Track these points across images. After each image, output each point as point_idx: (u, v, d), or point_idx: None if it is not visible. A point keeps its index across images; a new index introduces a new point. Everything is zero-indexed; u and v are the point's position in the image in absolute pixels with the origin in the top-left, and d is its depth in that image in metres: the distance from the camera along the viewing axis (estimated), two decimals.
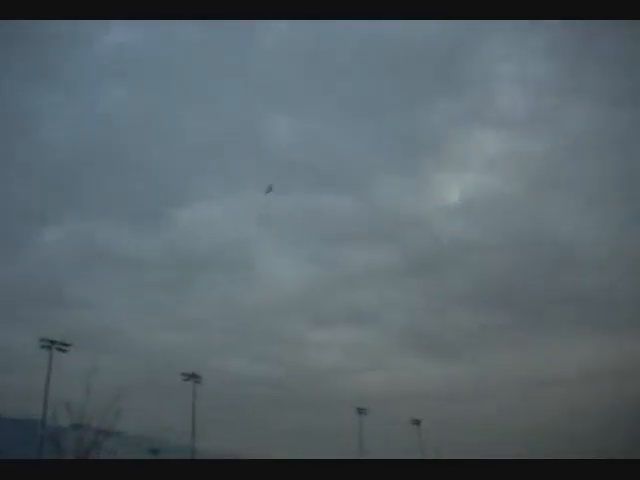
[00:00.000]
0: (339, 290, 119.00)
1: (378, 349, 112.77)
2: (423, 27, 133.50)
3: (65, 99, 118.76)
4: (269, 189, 79.04)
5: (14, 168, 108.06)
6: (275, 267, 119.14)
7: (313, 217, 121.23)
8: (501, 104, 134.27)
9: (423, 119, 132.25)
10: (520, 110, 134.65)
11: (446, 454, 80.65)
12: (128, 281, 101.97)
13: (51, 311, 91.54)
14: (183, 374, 78.81)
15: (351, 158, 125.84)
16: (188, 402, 77.61)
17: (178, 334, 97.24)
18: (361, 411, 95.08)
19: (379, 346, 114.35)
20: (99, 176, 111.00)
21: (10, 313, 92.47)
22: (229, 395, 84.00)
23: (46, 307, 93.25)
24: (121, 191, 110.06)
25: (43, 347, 69.46)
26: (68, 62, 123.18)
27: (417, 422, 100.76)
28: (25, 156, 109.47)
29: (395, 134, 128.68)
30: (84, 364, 78.74)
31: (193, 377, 79.09)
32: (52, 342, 69.78)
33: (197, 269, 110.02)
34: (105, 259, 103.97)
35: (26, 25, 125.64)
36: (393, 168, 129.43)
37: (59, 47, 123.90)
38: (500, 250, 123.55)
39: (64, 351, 70.47)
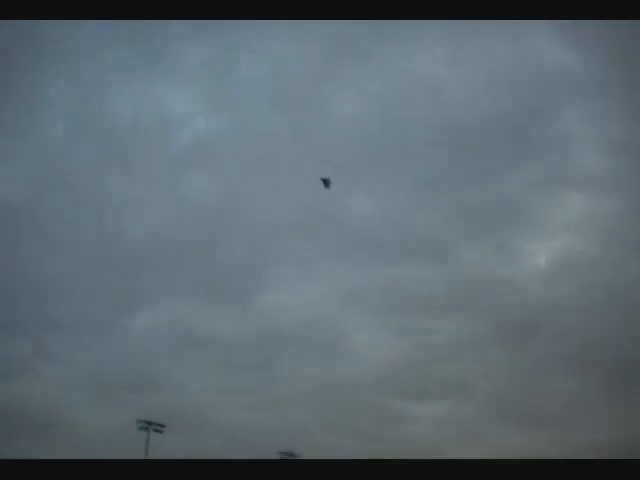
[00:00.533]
0: (428, 362, 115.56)
1: (471, 420, 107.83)
2: (490, 91, 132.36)
3: (146, 191, 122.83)
4: (327, 182, 75.97)
5: (104, 258, 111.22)
6: (361, 342, 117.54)
7: (396, 290, 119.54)
8: (581, 165, 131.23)
9: (501, 185, 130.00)
10: (601, 170, 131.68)
11: None
12: (217, 362, 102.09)
13: (144, 393, 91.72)
14: (280, 452, 76.92)
15: (430, 230, 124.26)
16: None
17: (269, 413, 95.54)
18: None
19: (472, 417, 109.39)
20: (186, 263, 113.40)
21: (106, 396, 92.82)
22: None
23: (139, 389, 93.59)
24: (207, 276, 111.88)
25: (141, 428, 69.65)
26: (147, 154, 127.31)
27: None
28: (112, 246, 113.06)
29: (473, 203, 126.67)
30: (180, 444, 78.93)
31: (290, 455, 77.14)
32: (149, 423, 69.89)
33: (283, 348, 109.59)
34: (194, 341, 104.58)
35: (98, 119, 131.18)
36: (473, 237, 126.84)
37: (136, 140, 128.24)
38: (591, 312, 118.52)
39: (160, 432, 70.40)
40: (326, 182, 74.81)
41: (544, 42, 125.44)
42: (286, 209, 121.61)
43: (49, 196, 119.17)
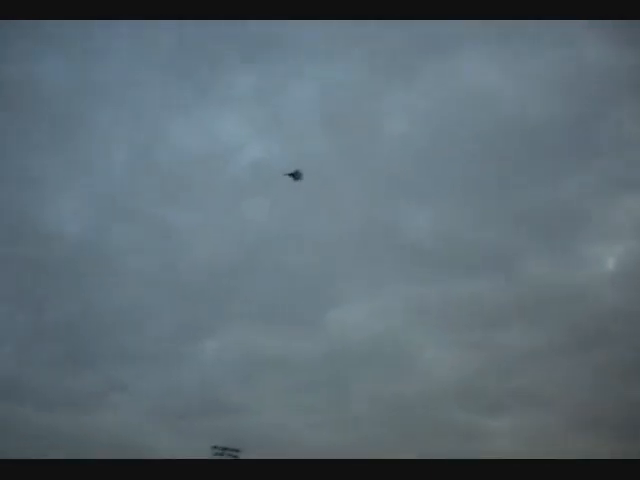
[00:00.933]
0: (500, 375, 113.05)
1: (549, 431, 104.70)
2: (545, 96, 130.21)
3: (207, 218, 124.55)
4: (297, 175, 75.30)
5: (169, 286, 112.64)
6: (431, 357, 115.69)
7: (461, 303, 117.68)
8: None
9: (562, 191, 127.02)
10: None
11: None
12: (288, 383, 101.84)
13: (217, 419, 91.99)
14: None
15: (492, 241, 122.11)
16: None
17: (342, 432, 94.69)
18: None
19: (549, 428, 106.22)
20: (248, 286, 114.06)
21: (179, 423, 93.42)
22: None
23: (211, 415, 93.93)
24: (273, 298, 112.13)
25: (216, 454, 69.70)
26: (206, 182, 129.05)
27: None
28: (177, 274, 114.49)
29: (534, 210, 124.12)
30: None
31: None
32: (224, 449, 69.91)
33: (353, 366, 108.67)
34: (264, 364, 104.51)
35: (156, 151, 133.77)
36: (537, 245, 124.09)
37: (194, 169, 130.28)
38: None
39: (235, 457, 70.29)
40: (295, 175, 74.48)
41: (598, 41, 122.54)
42: (347, 228, 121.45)
43: (113, 228, 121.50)
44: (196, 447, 79.18)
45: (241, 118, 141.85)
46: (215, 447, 69.83)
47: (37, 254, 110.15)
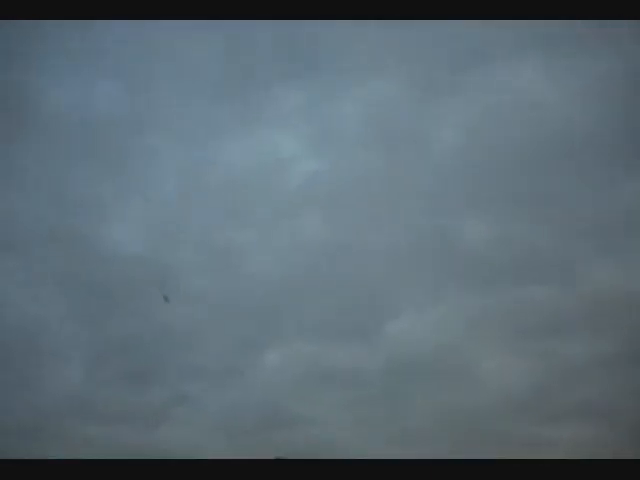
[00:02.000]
0: (563, 384, 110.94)
1: (613, 442, 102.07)
2: (588, 99, 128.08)
3: (264, 233, 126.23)
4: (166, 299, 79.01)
5: (229, 303, 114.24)
6: (491, 368, 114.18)
7: (522, 311, 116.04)
8: None
9: (620, 196, 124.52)
10: None
11: None
12: (344, 397, 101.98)
13: (278, 432, 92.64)
14: None
15: (551, 248, 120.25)
16: None
17: (398, 446, 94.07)
18: None
19: (613, 439, 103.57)
20: (304, 300, 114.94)
21: (242, 436, 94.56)
22: None
23: (273, 428, 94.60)
24: (331, 312, 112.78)
25: None
26: (260, 198, 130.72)
27: None
28: (237, 291, 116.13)
29: (593, 216, 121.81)
30: None
31: None
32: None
33: (410, 379, 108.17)
34: (323, 378, 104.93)
35: (207, 171, 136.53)
36: (598, 252, 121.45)
37: (246, 187, 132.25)
38: None
39: None
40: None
41: None
42: (402, 240, 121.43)
43: (170, 249, 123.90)
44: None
45: (290, 135, 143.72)
46: (278, 460, 70.20)
47: (99, 275, 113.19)
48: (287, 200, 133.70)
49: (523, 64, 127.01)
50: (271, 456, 73.28)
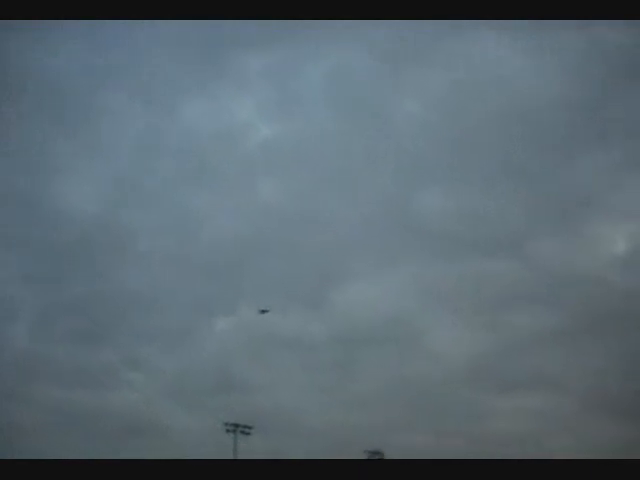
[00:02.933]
0: (512, 355, 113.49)
1: (561, 413, 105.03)
2: (552, 76, 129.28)
3: (218, 197, 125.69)
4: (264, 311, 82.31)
5: (181, 266, 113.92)
6: (441, 338, 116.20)
7: (474, 284, 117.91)
8: None
9: (576, 173, 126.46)
10: None
11: None
12: (295, 363, 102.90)
13: (228, 396, 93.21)
14: (366, 451, 76.88)
15: (505, 222, 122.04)
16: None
17: (349, 413, 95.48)
18: None
19: (561, 409, 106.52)
20: (260, 265, 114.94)
21: (191, 400, 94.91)
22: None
23: (223, 393, 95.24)
24: (282, 277, 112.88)
25: (228, 431, 70.49)
26: (217, 162, 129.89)
27: None
28: (189, 254, 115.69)
29: (548, 192, 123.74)
30: (263, 446, 79.83)
31: (377, 454, 76.99)
32: (236, 426, 70.72)
33: (361, 347, 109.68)
34: (275, 343, 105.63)
35: (166, 131, 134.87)
36: (551, 227, 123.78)
37: (205, 149, 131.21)
38: None
39: (247, 434, 71.13)
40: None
41: (612, 23, 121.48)
42: (358, 208, 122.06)
43: (127, 208, 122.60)
44: (209, 424, 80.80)
45: (252, 98, 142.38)
46: (227, 424, 70.77)
47: (53, 235, 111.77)
48: (244, 164, 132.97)
49: (489, 40, 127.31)
50: (222, 420, 74.19)
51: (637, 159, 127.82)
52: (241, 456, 68.91)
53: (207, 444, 78.74)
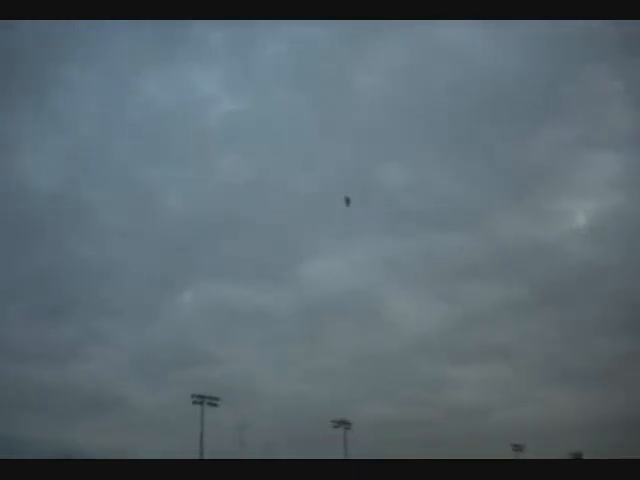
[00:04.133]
0: (470, 327, 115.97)
1: (516, 383, 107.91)
2: (509, 51, 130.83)
3: (182, 171, 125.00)
4: (348, 201, 79.69)
5: (144, 241, 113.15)
6: (403, 310, 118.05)
7: (433, 257, 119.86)
8: (613, 123, 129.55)
9: (532, 147, 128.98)
10: (634, 126, 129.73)
11: None
12: (261, 336, 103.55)
13: (193, 370, 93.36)
14: (333, 421, 77.88)
15: (463, 195, 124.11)
16: (339, 449, 76.54)
17: (314, 384, 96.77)
18: (517, 448, 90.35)
19: (517, 380, 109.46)
20: (221, 240, 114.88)
21: (156, 374, 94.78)
22: (378, 439, 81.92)
23: (188, 367, 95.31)
24: (245, 253, 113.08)
25: (195, 403, 70.59)
26: (180, 136, 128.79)
27: (577, 455, 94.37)
28: (150, 229, 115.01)
29: (504, 166, 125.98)
30: (232, 418, 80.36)
31: (343, 424, 78.05)
32: (202, 397, 70.87)
33: (324, 320, 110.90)
34: (239, 317, 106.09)
35: (127, 105, 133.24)
36: (507, 200, 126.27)
37: (165, 123, 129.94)
38: (634, 272, 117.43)
39: (215, 405, 71.34)
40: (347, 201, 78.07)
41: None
42: (318, 182, 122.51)
43: (86, 183, 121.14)
44: (173, 397, 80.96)
45: (212, 73, 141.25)
46: (194, 395, 70.80)
47: (10, 209, 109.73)
48: (206, 139, 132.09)
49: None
50: (188, 394, 74.30)
51: (595, 136, 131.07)
52: (208, 428, 69.45)
53: (174, 417, 79.04)
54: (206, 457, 64.71)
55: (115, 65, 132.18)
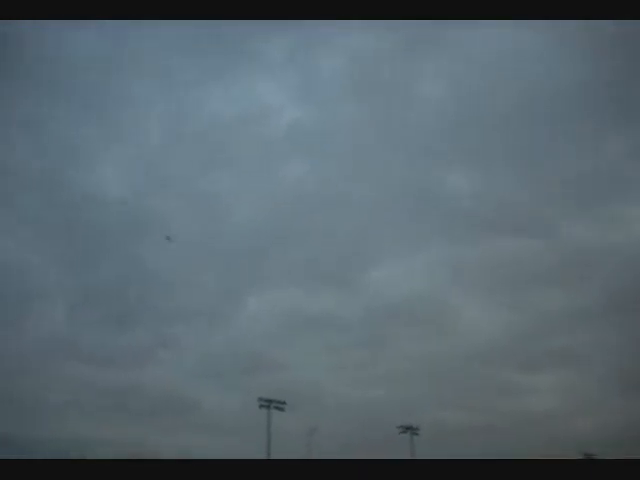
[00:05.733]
0: (539, 334, 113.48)
1: (586, 391, 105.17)
2: (575, 56, 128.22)
3: (245, 182, 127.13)
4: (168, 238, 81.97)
5: (212, 249, 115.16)
6: (470, 316, 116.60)
7: (501, 263, 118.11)
8: None
9: (600, 154, 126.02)
10: None
11: None
12: (325, 342, 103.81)
13: (260, 375, 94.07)
14: (400, 427, 77.36)
15: (532, 203, 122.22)
16: (406, 455, 75.82)
17: (379, 389, 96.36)
18: (588, 456, 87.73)
19: (587, 388, 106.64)
20: (288, 247, 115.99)
21: (224, 379, 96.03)
22: (445, 445, 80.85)
23: (254, 372, 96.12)
24: (310, 259, 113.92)
25: (262, 406, 70.98)
26: (243, 146, 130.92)
27: None
28: (220, 237, 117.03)
29: (573, 173, 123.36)
30: (298, 423, 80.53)
31: (410, 429, 77.44)
32: (269, 401, 71.23)
33: (390, 326, 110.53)
34: (305, 323, 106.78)
35: (192, 117, 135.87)
36: (574, 208, 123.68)
37: (230, 134, 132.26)
38: None
39: (281, 409, 71.57)
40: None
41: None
42: (384, 190, 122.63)
43: (155, 194, 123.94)
44: (242, 401, 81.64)
45: (276, 85, 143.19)
46: (261, 399, 71.26)
47: (83, 220, 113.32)
48: (271, 148, 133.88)
49: (507, 25, 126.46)
50: (255, 398, 74.83)
51: None
52: (275, 432, 69.68)
53: (241, 421, 79.75)
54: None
55: (178, 77, 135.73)
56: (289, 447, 69.66)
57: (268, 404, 71.16)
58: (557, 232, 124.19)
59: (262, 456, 65.65)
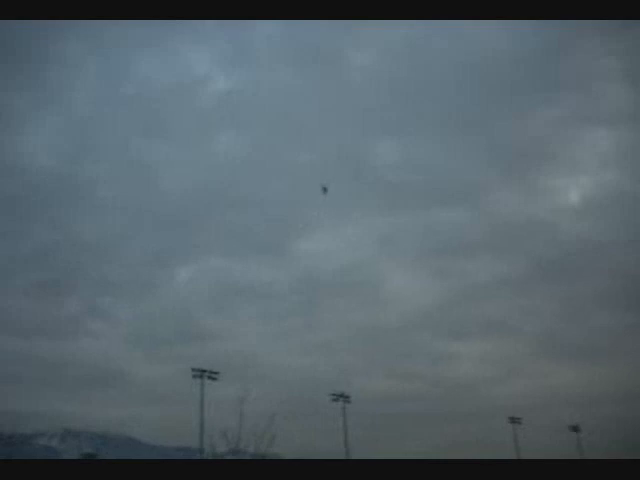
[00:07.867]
0: (468, 302, 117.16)
1: (515, 357, 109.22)
2: (506, 29, 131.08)
3: (177, 150, 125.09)
4: (325, 190, 79.86)
5: (143, 217, 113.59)
6: (400, 285, 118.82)
7: (430, 232, 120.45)
8: (611, 100, 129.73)
9: (524, 126, 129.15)
10: (631, 104, 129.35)
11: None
12: (258, 311, 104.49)
13: (192, 345, 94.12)
14: (332, 394, 78.62)
15: (459, 172, 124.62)
16: (337, 422, 77.15)
17: (313, 358, 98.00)
18: (514, 420, 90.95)
19: (516, 354, 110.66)
20: (220, 216, 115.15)
21: (155, 349, 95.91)
22: (376, 413, 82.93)
23: (186, 341, 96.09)
24: (242, 228, 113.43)
25: (195, 376, 71.21)
26: (175, 115, 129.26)
27: (575, 428, 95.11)
28: (151, 205, 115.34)
29: (500, 143, 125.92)
30: (232, 391, 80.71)
31: (342, 397, 78.79)
32: (202, 371, 71.50)
33: (322, 295, 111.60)
34: (236, 292, 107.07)
35: (124, 85, 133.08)
36: (503, 177, 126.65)
37: (162, 102, 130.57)
38: (630, 247, 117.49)
39: (214, 379, 71.94)
40: (325, 190, 78.40)
41: None
42: (315, 159, 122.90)
43: (85, 160, 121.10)
44: (172, 372, 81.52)
45: (208, 52, 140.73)
46: (194, 369, 71.36)
47: (11, 187, 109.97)
48: (201, 117, 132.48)
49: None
50: (188, 368, 74.35)
51: (591, 113, 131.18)
52: (207, 401, 69.87)
53: (173, 390, 79.76)
54: (206, 430, 65.14)
55: (110, 42, 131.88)
56: (222, 416, 70.13)
57: (201, 374, 71.50)
58: (486, 202, 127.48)
59: (195, 425, 66.06)
